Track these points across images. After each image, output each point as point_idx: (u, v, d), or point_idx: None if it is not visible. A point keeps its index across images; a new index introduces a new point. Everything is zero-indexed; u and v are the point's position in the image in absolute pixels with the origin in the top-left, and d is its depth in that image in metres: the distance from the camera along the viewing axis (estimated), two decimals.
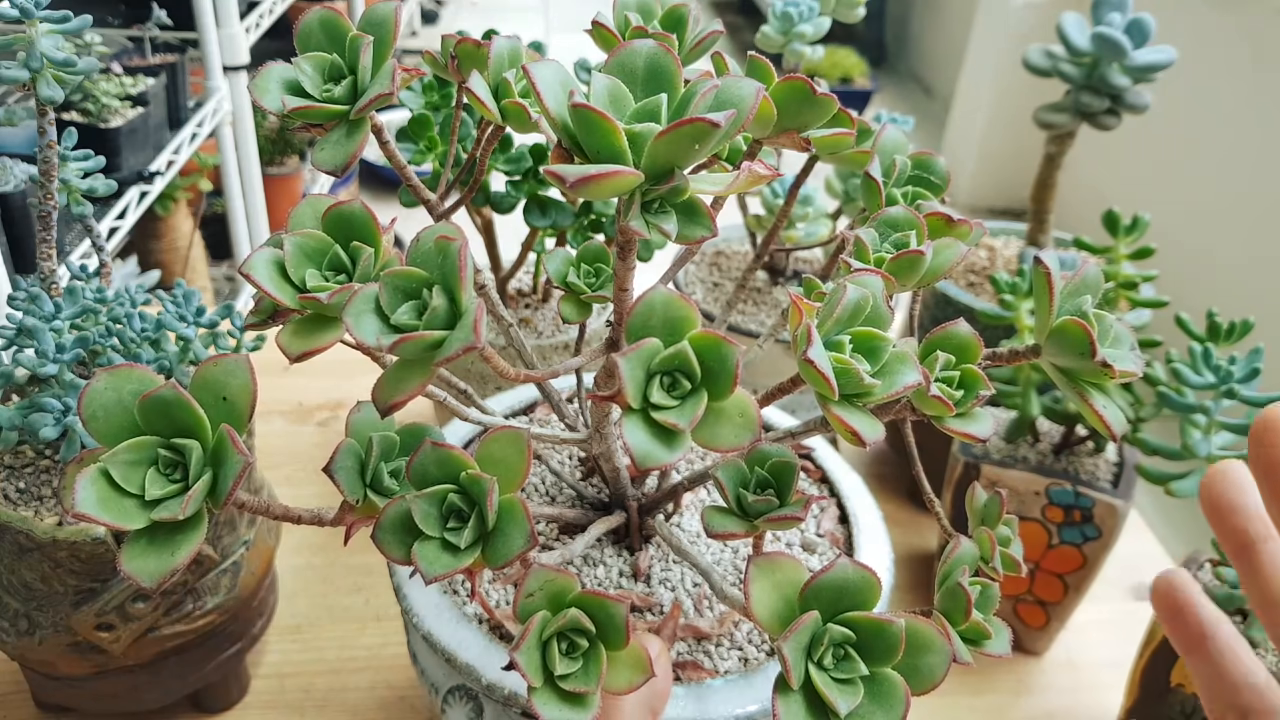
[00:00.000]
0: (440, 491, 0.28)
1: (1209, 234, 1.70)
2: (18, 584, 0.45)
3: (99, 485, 0.25)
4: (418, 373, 0.26)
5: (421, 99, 0.61)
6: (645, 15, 0.37)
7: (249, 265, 0.27)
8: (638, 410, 0.26)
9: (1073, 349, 0.29)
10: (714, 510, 0.32)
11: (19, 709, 0.55)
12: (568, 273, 0.38)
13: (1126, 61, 0.62)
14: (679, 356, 0.26)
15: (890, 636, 0.27)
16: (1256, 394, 0.50)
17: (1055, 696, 0.62)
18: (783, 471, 0.32)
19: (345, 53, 0.30)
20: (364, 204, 0.28)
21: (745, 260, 0.78)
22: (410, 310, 0.26)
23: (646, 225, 0.25)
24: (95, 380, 0.26)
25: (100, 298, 0.47)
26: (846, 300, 0.27)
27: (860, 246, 0.32)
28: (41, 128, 0.44)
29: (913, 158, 0.37)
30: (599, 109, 0.23)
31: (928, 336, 0.31)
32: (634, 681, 0.28)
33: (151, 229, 1.53)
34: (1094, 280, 0.30)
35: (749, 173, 0.26)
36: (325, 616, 0.63)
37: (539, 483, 0.44)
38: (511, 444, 0.28)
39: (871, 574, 0.27)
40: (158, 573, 0.25)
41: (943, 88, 3.02)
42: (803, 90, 0.31)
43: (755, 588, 0.28)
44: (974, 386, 0.30)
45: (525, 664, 0.27)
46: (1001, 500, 0.35)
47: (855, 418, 0.26)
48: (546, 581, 0.28)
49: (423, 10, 3.42)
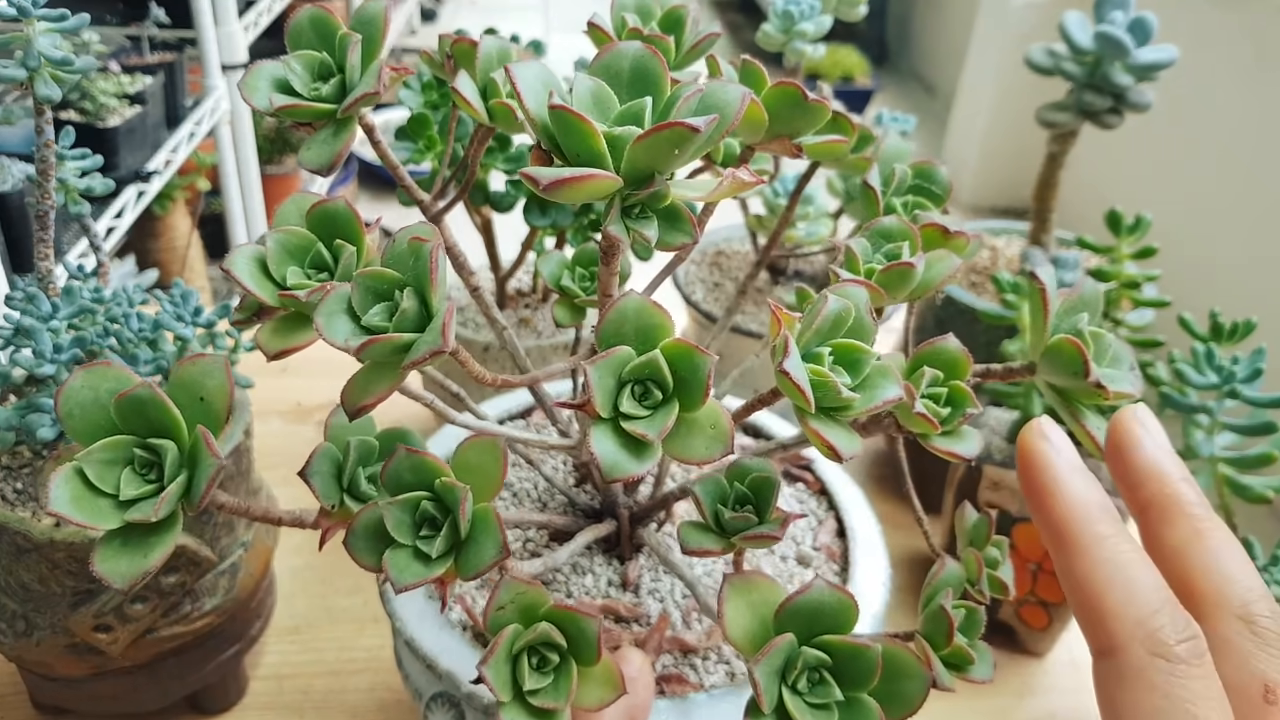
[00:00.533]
0: (413, 499, 0.27)
1: (1212, 233, 1.70)
2: (15, 585, 0.45)
3: (73, 484, 0.25)
4: (387, 376, 0.25)
5: (420, 98, 0.61)
6: (644, 16, 0.36)
7: (231, 261, 0.27)
8: (607, 420, 0.25)
9: (1066, 368, 0.28)
10: (690, 526, 0.31)
11: (17, 710, 0.55)
12: (562, 276, 0.38)
13: (1129, 60, 0.61)
14: (650, 365, 0.25)
15: (867, 661, 0.26)
16: (1259, 394, 0.50)
17: (1058, 697, 0.62)
18: (762, 487, 0.31)
19: (335, 51, 0.30)
20: (348, 202, 0.28)
21: (746, 260, 0.78)
22: (382, 312, 0.25)
23: (627, 230, 0.25)
24: (73, 378, 0.25)
25: (98, 297, 0.47)
26: (827, 311, 0.26)
27: (850, 257, 0.31)
28: (39, 127, 0.43)
29: (914, 167, 0.36)
30: (577, 111, 0.23)
31: (915, 351, 0.30)
32: (605, 699, 0.27)
33: (149, 228, 1.53)
34: (1093, 298, 0.30)
35: (733, 179, 0.25)
36: (324, 618, 0.63)
37: (531, 488, 0.44)
38: (487, 452, 0.27)
39: (848, 597, 0.27)
40: (129, 574, 0.24)
41: (945, 86, 3.02)
42: (794, 96, 0.30)
43: (730, 607, 0.27)
44: (961, 404, 0.29)
45: (493, 678, 0.27)
46: (990, 521, 0.34)
47: (832, 432, 0.26)
48: (518, 594, 0.28)
49: (422, 9, 3.41)
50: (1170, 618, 0.24)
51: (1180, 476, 0.27)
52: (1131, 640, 0.24)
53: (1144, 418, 0.28)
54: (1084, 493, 0.26)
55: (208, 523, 0.47)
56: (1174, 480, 0.27)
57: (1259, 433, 0.49)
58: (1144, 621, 0.24)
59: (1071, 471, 0.27)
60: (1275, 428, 0.49)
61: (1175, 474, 0.27)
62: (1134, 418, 0.28)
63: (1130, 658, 0.24)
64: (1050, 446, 0.27)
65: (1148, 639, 0.24)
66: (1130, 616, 0.24)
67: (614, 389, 0.25)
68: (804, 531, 0.42)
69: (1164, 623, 0.24)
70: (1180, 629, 0.24)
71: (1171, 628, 0.24)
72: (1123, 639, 0.24)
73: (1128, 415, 0.28)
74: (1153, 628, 0.24)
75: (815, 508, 0.44)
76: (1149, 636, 0.24)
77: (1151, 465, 0.27)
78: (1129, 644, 0.24)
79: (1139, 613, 0.24)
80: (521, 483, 0.44)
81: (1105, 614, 0.25)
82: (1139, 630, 0.24)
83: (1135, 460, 0.27)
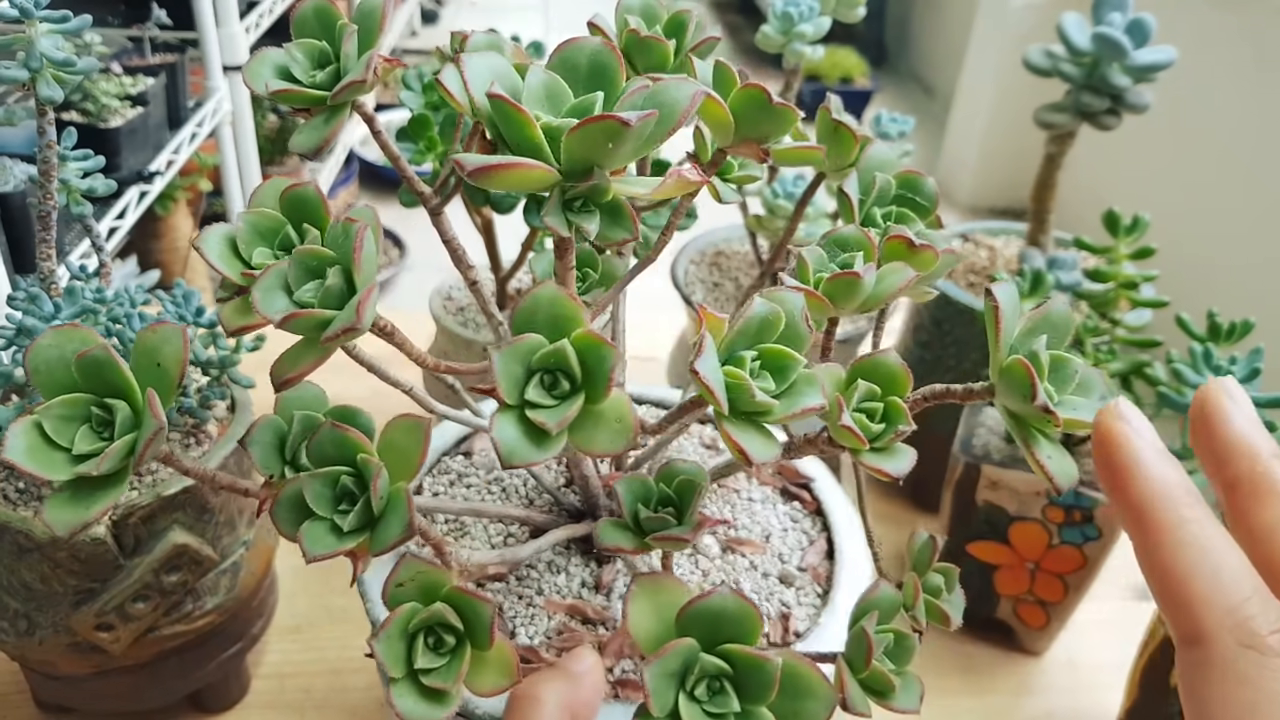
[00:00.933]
0: (334, 473, 0.27)
1: (1210, 234, 1.70)
2: (17, 584, 0.45)
3: (30, 435, 0.26)
4: (313, 351, 0.26)
5: (421, 98, 0.61)
6: (648, 18, 0.36)
7: (203, 240, 0.28)
8: (513, 407, 0.25)
9: (1016, 391, 0.26)
10: (609, 523, 0.31)
11: (19, 709, 0.55)
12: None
13: (1127, 61, 0.61)
14: (558, 355, 0.25)
15: (765, 675, 0.26)
16: (1257, 394, 0.50)
17: (1055, 696, 0.62)
18: (686, 490, 0.30)
19: (334, 41, 0.31)
20: (316, 187, 0.29)
21: (745, 260, 0.78)
22: (314, 289, 0.26)
23: (567, 223, 0.25)
24: (42, 336, 0.27)
25: (100, 298, 0.47)
26: (751, 315, 0.26)
27: (801, 264, 0.31)
28: (41, 128, 0.44)
29: (899, 177, 0.35)
30: (512, 100, 0.23)
31: (852, 363, 0.29)
32: (498, 684, 0.27)
33: (151, 229, 1.53)
34: (1060, 319, 0.28)
35: (677, 178, 0.25)
36: (325, 617, 0.63)
37: (520, 484, 0.43)
38: (410, 432, 0.27)
39: (751, 606, 0.26)
40: (70, 523, 0.26)
41: (943, 87, 3.02)
42: (759, 99, 0.29)
43: (635, 607, 0.27)
44: (896, 420, 0.28)
45: (384, 653, 0.27)
46: (934, 546, 0.33)
47: (746, 436, 0.25)
48: (419, 573, 0.28)
49: (423, 10, 3.42)
50: (1262, 606, 0.23)
51: (1273, 453, 0.25)
52: (1220, 629, 0.23)
53: (1233, 390, 0.26)
54: (1166, 473, 0.25)
55: (209, 522, 0.48)
56: (1265, 456, 0.25)
57: None
58: (1234, 610, 0.23)
59: (1152, 452, 0.25)
60: (1274, 428, 0.49)
61: (1267, 450, 0.25)
62: (1222, 389, 0.26)
63: (1219, 648, 0.22)
64: (1129, 426, 0.26)
65: (1237, 628, 0.22)
66: (1218, 604, 0.23)
67: (522, 377, 0.25)
68: (792, 550, 0.42)
69: (1255, 611, 0.22)
70: (1273, 619, 0.22)
71: (1263, 617, 0.22)
72: (1210, 628, 0.23)
73: (1215, 387, 0.26)
74: (1243, 616, 0.22)
75: (808, 527, 0.43)
76: (1239, 626, 0.22)
77: (1241, 440, 0.25)
78: (1217, 633, 0.23)
79: (1228, 600, 0.23)
80: (511, 477, 0.44)
81: (1191, 601, 0.23)
82: (1228, 619, 0.23)
83: (1224, 434, 0.26)
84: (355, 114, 0.31)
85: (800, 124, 0.39)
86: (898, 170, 0.35)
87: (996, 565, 0.61)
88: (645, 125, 0.23)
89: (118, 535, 0.44)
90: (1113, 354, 0.57)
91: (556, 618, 0.37)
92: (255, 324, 0.28)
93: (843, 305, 0.30)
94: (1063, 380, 0.27)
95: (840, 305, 0.30)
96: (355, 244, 0.25)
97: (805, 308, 0.27)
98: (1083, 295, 0.61)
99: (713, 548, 0.41)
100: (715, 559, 0.40)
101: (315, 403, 0.30)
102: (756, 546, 0.41)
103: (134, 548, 0.45)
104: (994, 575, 0.61)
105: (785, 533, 0.42)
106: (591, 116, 0.23)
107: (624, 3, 0.36)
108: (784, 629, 0.38)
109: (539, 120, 0.24)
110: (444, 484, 0.43)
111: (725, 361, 0.26)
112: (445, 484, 0.43)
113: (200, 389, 0.50)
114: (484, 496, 0.42)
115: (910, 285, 0.31)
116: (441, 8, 3.61)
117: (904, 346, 0.75)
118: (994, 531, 0.60)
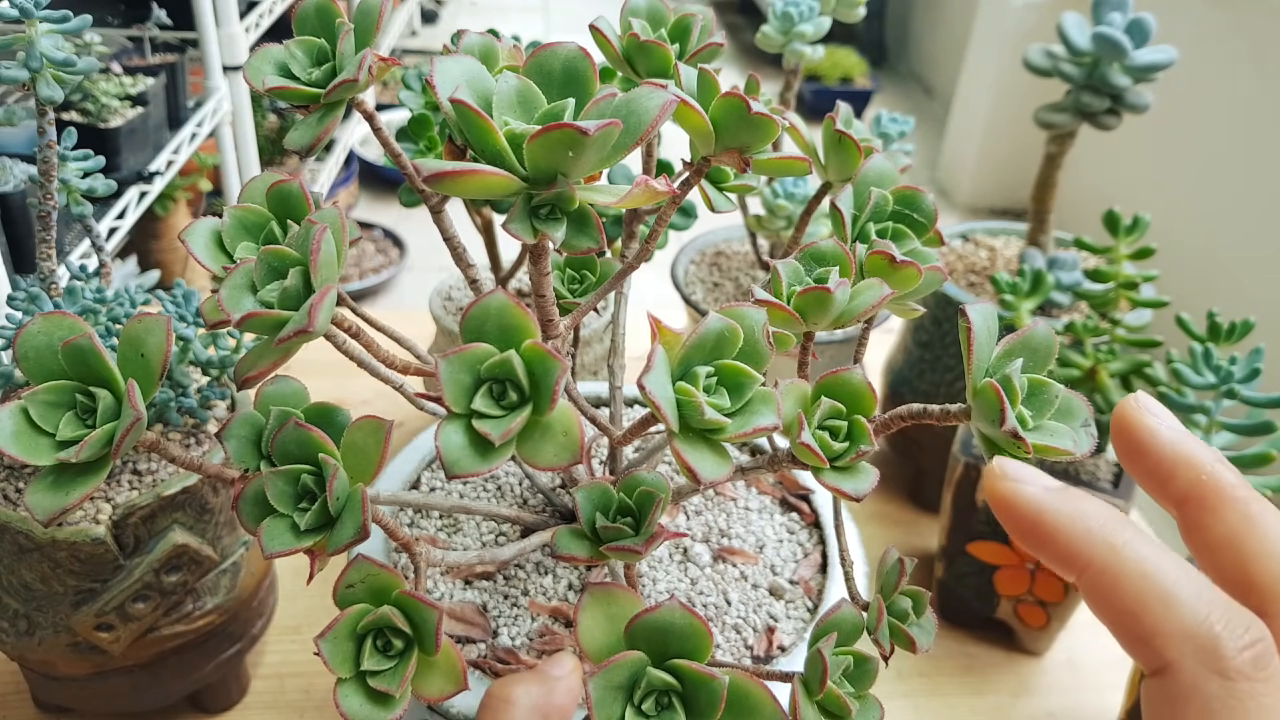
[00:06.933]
0: (294, 471, 0.27)
1: (1210, 233, 1.70)
2: (17, 584, 0.45)
3: (16, 420, 0.26)
4: (272, 351, 0.26)
5: (421, 98, 0.61)
6: (654, 21, 0.36)
7: (189, 233, 0.28)
8: (459, 416, 0.25)
9: (987, 414, 0.25)
10: (566, 531, 0.31)
11: (19, 709, 0.55)
12: None
13: (1127, 61, 0.61)
14: (505, 365, 0.25)
15: (712, 692, 0.25)
16: (1257, 394, 0.50)
17: (1056, 697, 0.62)
18: (645, 501, 0.30)
19: (333, 39, 0.31)
20: (302, 183, 0.29)
21: (745, 260, 0.78)
22: (277, 289, 0.26)
23: (533, 230, 0.25)
24: (32, 323, 0.27)
25: (100, 298, 0.47)
26: (706, 330, 0.26)
27: (775, 278, 0.30)
28: (41, 128, 0.44)
29: (896, 193, 0.34)
30: (474, 107, 0.23)
31: (818, 380, 0.28)
32: (445, 690, 0.27)
33: (151, 229, 1.54)
34: (1041, 343, 0.27)
35: (644, 187, 0.25)
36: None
37: (516, 484, 0.43)
38: (370, 433, 0.27)
39: (700, 621, 0.26)
40: (49, 509, 0.26)
41: (943, 88, 3.02)
42: (738, 108, 0.29)
43: (585, 616, 0.27)
44: (859, 440, 0.27)
45: (331, 654, 0.27)
46: (903, 568, 0.32)
47: (697, 454, 0.25)
48: (369, 575, 0.28)
49: (423, 10, 3.42)
50: (1226, 623, 0.20)
51: (1213, 459, 0.24)
52: (1182, 656, 0.20)
53: (1147, 404, 0.25)
54: (1073, 509, 0.23)
55: (209, 522, 0.48)
56: (1208, 464, 0.23)
57: (1257, 432, 0.49)
58: (1194, 634, 0.20)
59: (1049, 496, 0.23)
60: (1273, 427, 0.49)
61: (1206, 456, 0.24)
62: (1137, 407, 0.24)
63: (1182, 676, 0.20)
64: (1018, 478, 0.24)
65: (1200, 651, 0.20)
66: (1175, 631, 0.21)
67: (470, 385, 0.25)
68: (785, 562, 0.41)
69: (1219, 630, 0.20)
70: (1238, 635, 0.20)
71: (1229, 635, 0.20)
72: (1173, 657, 0.21)
73: (1129, 406, 0.24)
74: (1206, 638, 0.20)
75: (804, 540, 0.43)
76: (1202, 650, 0.20)
77: (1177, 453, 0.24)
78: (1181, 661, 0.20)
79: (1185, 625, 0.21)
80: (507, 477, 0.44)
81: (1147, 635, 0.21)
82: (1189, 644, 0.20)
83: (1156, 450, 0.24)
84: (356, 114, 0.31)
85: (805, 126, 0.39)
86: (896, 185, 0.34)
87: (997, 565, 0.61)
88: (606, 134, 0.23)
89: (118, 535, 0.44)
90: (1113, 354, 0.57)
91: (540, 619, 0.37)
92: (227, 320, 0.28)
93: (814, 320, 0.29)
94: (1042, 405, 0.26)
95: (811, 320, 0.29)
96: (314, 245, 0.25)
97: (767, 323, 0.26)
98: (1083, 295, 0.61)
99: (703, 556, 0.40)
100: (705, 567, 0.40)
101: (295, 399, 0.30)
102: (749, 557, 0.41)
103: (134, 548, 0.45)
104: (994, 575, 0.61)
105: (780, 544, 0.42)
106: (549, 124, 0.22)
107: (630, 5, 0.36)
108: (768, 643, 0.37)
109: (505, 126, 0.24)
110: (441, 479, 0.44)
111: (681, 377, 0.26)
112: (442, 479, 0.44)
113: (200, 389, 0.50)
114: (479, 494, 0.43)
115: (886, 302, 0.30)
116: (441, 8, 3.61)
117: (904, 346, 0.75)
118: (994, 531, 0.60)
